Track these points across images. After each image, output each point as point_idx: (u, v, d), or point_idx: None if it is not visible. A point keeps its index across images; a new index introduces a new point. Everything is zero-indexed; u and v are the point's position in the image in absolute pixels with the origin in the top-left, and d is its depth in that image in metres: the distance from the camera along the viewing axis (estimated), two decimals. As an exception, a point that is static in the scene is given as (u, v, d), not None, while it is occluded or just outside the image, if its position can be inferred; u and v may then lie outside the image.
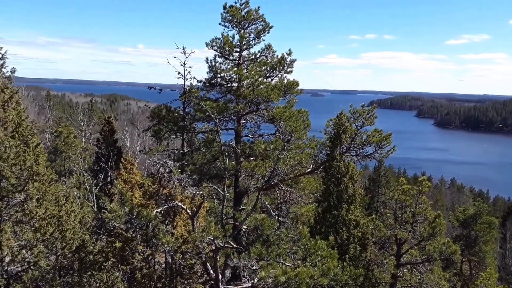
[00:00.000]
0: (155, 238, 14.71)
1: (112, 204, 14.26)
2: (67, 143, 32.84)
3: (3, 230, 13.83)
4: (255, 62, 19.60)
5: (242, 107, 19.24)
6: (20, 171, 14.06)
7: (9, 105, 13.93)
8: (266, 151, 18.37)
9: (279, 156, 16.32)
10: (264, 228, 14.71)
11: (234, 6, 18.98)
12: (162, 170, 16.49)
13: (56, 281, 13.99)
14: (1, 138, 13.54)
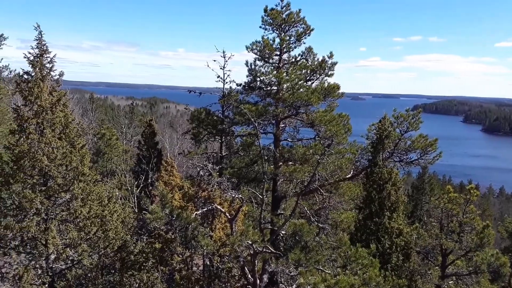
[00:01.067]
0: (194, 240, 14.79)
1: (153, 205, 14.43)
2: (109, 145, 33.77)
3: (49, 228, 14.30)
4: (295, 65, 19.40)
5: (282, 111, 19.08)
6: (66, 172, 14.50)
7: (57, 108, 14.38)
8: (306, 156, 18.10)
9: (318, 161, 16.00)
10: (303, 234, 14.45)
11: (275, 9, 18.88)
12: (201, 173, 16.60)
13: (98, 280, 14.29)
14: (49, 139, 14.01)
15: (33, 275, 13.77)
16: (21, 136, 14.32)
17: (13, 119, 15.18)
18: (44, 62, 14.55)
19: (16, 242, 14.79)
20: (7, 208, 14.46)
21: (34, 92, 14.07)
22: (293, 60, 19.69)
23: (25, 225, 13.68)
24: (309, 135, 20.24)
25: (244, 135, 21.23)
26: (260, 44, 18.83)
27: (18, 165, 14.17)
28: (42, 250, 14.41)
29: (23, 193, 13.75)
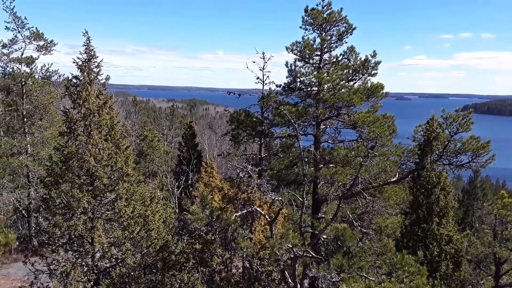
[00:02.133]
0: (234, 242, 14.77)
1: (194, 206, 14.54)
2: (151, 147, 34.54)
3: (95, 227, 14.71)
4: (337, 65, 19.04)
5: (322, 112, 18.77)
6: (112, 172, 14.89)
7: (103, 110, 14.80)
8: (347, 158, 17.70)
9: (362, 163, 15.55)
10: (346, 239, 14.10)
11: (316, 9, 18.62)
12: (241, 175, 16.57)
13: (141, 279, 14.54)
14: (96, 141, 14.44)
15: (80, 273, 14.20)
16: (70, 138, 14.86)
17: (63, 121, 15.78)
18: (92, 67, 15.03)
19: (64, 240, 15.33)
20: (56, 207, 15.02)
21: (82, 96, 14.56)
22: (334, 60, 19.34)
23: (73, 224, 14.15)
24: (351, 137, 19.79)
25: (283, 136, 21.08)
26: (301, 44, 18.63)
27: (66, 165, 14.69)
28: (88, 248, 14.86)
29: (71, 193, 14.23)
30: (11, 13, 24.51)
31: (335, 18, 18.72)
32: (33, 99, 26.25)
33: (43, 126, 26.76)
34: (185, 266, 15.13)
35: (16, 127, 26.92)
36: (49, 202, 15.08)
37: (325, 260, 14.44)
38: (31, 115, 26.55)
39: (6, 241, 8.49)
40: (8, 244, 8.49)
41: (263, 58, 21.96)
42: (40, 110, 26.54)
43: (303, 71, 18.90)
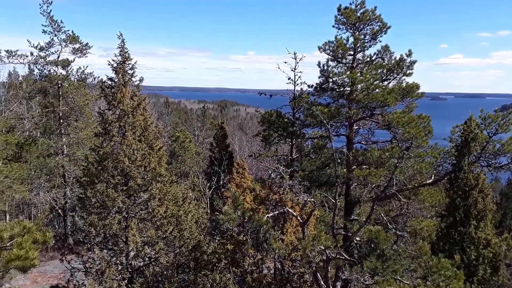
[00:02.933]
0: (265, 243, 14.69)
1: (226, 207, 14.56)
2: (183, 147, 34.94)
3: (130, 226, 14.97)
4: (370, 65, 18.65)
5: (355, 112, 18.43)
6: (145, 172, 15.11)
7: (137, 111, 15.04)
8: (381, 159, 17.31)
9: (396, 165, 15.17)
10: (379, 241, 13.78)
11: (349, 8, 18.31)
12: (273, 175, 16.49)
13: (174, 278, 14.68)
14: (130, 142, 14.69)
15: (114, 271, 14.47)
16: (105, 139, 15.18)
17: (98, 122, 16.15)
18: (126, 69, 15.31)
19: (99, 238, 15.67)
20: (91, 206, 15.37)
21: (117, 97, 14.84)
22: (368, 59, 18.95)
23: (108, 223, 14.45)
24: (384, 138, 19.36)
25: (315, 137, 20.83)
26: (333, 44, 18.36)
27: (102, 165, 15.01)
28: (123, 247, 15.13)
29: (106, 192, 14.53)
30: (48, 17, 25.22)
31: (368, 17, 18.36)
32: (69, 100, 26.96)
33: (79, 127, 27.46)
34: (217, 266, 15.19)
35: (52, 128, 27.75)
36: (85, 202, 15.44)
37: (358, 262, 14.18)
38: (67, 116, 27.28)
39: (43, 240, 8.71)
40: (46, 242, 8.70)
41: (295, 59, 21.81)
42: (76, 112, 27.23)
43: (336, 71, 18.63)
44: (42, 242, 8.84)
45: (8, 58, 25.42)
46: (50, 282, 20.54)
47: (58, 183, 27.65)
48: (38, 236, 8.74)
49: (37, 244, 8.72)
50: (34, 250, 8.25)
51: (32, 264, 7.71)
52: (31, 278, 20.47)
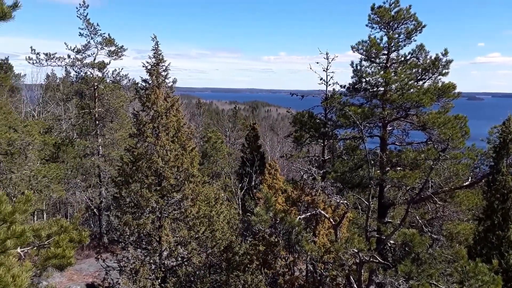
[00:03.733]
0: (297, 245, 14.59)
1: (258, 208, 14.55)
2: (215, 148, 35.20)
3: (163, 226, 15.19)
4: (405, 64, 18.24)
5: (389, 113, 18.07)
6: (178, 173, 15.30)
7: (170, 113, 15.26)
8: (416, 161, 16.89)
9: (432, 167, 14.75)
10: (414, 245, 13.43)
11: (383, 7, 17.98)
12: (305, 177, 16.37)
13: (206, 278, 14.78)
14: (163, 142, 14.91)
15: (148, 270, 14.72)
16: (139, 139, 15.47)
17: (133, 123, 16.48)
18: (160, 70, 15.55)
19: (134, 237, 15.97)
20: (126, 206, 15.69)
21: (151, 99, 15.10)
22: (402, 59, 18.54)
23: (142, 222, 14.71)
24: (419, 139, 18.89)
25: (348, 138, 20.56)
26: (366, 43, 18.08)
27: (136, 166, 15.31)
28: (156, 247, 15.36)
29: (140, 192, 14.80)
30: (85, 20, 25.89)
31: (403, 16, 17.98)
32: (104, 102, 27.59)
33: (114, 128, 28.09)
34: (248, 267, 15.19)
35: (89, 129, 28.50)
36: (120, 201, 15.77)
37: (392, 266, 13.88)
38: (103, 117, 27.92)
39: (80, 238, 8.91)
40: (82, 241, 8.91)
41: (327, 59, 21.57)
42: (111, 113, 27.85)
43: (369, 71, 18.32)
44: (78, 241, 9.05)
45: (46, 61, 26.26)
46: (85, 280, 21.01)
47: (94, 183, 28.38)
48: (75, 235, 8.95)
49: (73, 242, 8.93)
50: (70, 249, 8.45)
51: (68, 263, 7.90)
52: (67, 276, 20.98)
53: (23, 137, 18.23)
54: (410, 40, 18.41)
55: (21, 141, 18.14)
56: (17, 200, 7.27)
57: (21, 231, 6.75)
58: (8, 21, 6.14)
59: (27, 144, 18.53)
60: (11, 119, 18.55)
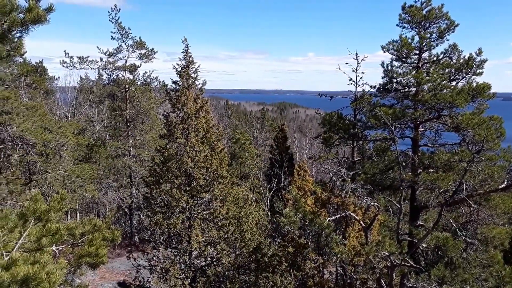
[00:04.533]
0: (327, 247, 14.47)
1: (287, 209, 14.51)
2: (243, 149, 35.35)
3: (193, 226, 15.36)
4: (437, 64, 17.79)
5: (421, 114, 17.65)
6: (207, 173, 15.45)
7: (200, 114, 15.44)
8: (450, 163, 16.43)
9: (466, 169, 14.34)
10: (448, 249, 13.11)
11: (414, 6, 17.62)
12: (334, 178, 16.22)
13: (235, 279, 14.85)
14: (193, 143, 15.09)
15: (178, 269, 14.91)
16: (169, 140, 15.72)
17: (163, 124, 16.76)
18: (190, 72, 15.77)
19: (164, 237, 16.22)
20: (157, 205, 15.96)
21: (181, 100, 15.33)
22: (434, 58, 18.09)
23: (172, 222, 14.92)
24: (453, 140, 18.38)
25: (378, 139, 20.20)
26: (397, 43, 17.74)
27: (166, 166, 15.55)
28: (186, 246, 15.55)
29: (170, 192, 15.03)
30: (116, 23, 26.53)
31: (435, 15, 17.56)
32: (135, 104, 28.17)
33: (144, 129, 28.64)
34: (277, 268, 15.17)
35: (120, 131, 29.18)
36: (151, 201, 16.05)
37: (425, 270, 13.59)
38: (134, 119, 28.52)
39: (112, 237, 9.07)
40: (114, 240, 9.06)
41: (356, 59, 21.26)
42: (142, 115, 28.41)
43: (400, 71, 17.95)
44: (110, 240, 9.22)
45: (79, 64, 27.06)
46: (117, 279, 21.44)
47: (125, 183, 28.99)
48: (107, 233, 9.12)
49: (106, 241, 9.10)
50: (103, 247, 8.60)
51: (101, 261, 8.05)
52: (99, 274, 21.44)
53: (58, 138, 18.80)
54: (443, 40, 17.96)
55: (56, 142, 18.72)
56: (52, 199, 7.47)
57: (56, 229, 6.91)
58: (44, 24, 6.28)
59: (61, 145, 19.10)
60: (46, 120, 19.14)
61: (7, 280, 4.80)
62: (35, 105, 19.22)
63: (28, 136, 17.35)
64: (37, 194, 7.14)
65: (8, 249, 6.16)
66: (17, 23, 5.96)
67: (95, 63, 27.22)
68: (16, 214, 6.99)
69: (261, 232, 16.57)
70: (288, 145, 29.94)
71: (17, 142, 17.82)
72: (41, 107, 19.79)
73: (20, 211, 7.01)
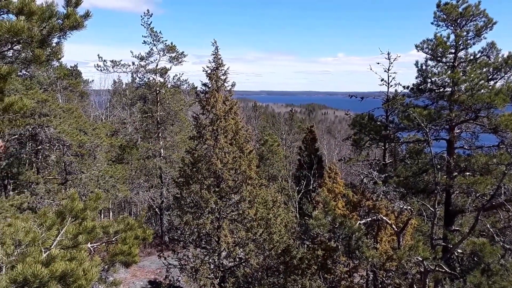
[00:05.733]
0: (358, 251, 14.19)
1: (316, 211, 14.32)
2: (271, 151, 35.31)
3: (222, 227, 15.38)
4: (474, 63, 17.20)
5: (457, 115, 17.11)
6: (236, 175, 15.45)
7: (229, 116, 15.46)
8: (487, 166, 15.82)
9: (505, 172, 13.76)
10: (485, 255, 12.60)
11: (450, 3, 17.11)
12: (365, 181, 15.91)
13: (264, 280, 14.77)
14: (222, 145, 15.12)
15: (208, 269, 14.97)
16: (199, 142, 15.81)
17: (193, 126, 16.88)
18: (219, 75, 15.81)
19: (193, 237, 16.33)
20: (186, 206, 16.09)
21: (211, 102, 15.39)
22: (471, 57, 17.50)
23: (201, 222, 15.00)
24: (490, 142, 17.71)
25: (411, 141, 19.72)
26: (432, 42, 17.26)
27: (196, 167, 15.65)
28: (215, 246, 15.60)
29: (200, 193, 15.11)
30: (148, 28, 27.00)
31: (472, 12, 16.99)
32: (166, 106, 28.58)
33: (174, 131, 29.02)
34: (306, 271, 14.99)
35: (151, 132, 29.66)
36: (181, 201, 16.20)
37: (460, 276, 13.11)
38: (164, 121, 28.94)
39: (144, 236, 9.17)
40: (146, 238, 9.16)
41: (388, 59, 20.86)
42: (171, 117, 28.81)
43: (435, 71, 17.47)
44: (142, 239, 9.31)
45: (112, 68, 27.72)
46: (148, 277, 21.74)
47: (155, 183, 29.45)
48: (139, 232, 9.20)
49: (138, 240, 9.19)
50: (136, 247, 8.68)
51: (133, 261, 8.14)
52: (130, 272, 21.80)
53: (92, 139, 19.29)
54: (480, 38, 17.35)
55: (90, 143, 19.21)
56: (88, 198, 7.60)
57: (92, 227, 7.02)
58: (80, 30, 6.38)
59: (96, 146, 19.60)
60: (81, 122, 19.69)
61: (46, 276, 4.88)
62: (71, 108, 19.80)
63: (65, 137, 17.88)
64: (74, 193, 7.28)
65: (47, 245, 6.28)
66: (55, 29, 6.08)
67: (127, 66, 27.81)
68: (54, 212, 7.15)
69: (290, 234, 16.42)
70: (317, 146, 29.64)
71: (54, 143, 18.41)
72: (76, 109, 20.38)
73: (58, 210, 7.16)
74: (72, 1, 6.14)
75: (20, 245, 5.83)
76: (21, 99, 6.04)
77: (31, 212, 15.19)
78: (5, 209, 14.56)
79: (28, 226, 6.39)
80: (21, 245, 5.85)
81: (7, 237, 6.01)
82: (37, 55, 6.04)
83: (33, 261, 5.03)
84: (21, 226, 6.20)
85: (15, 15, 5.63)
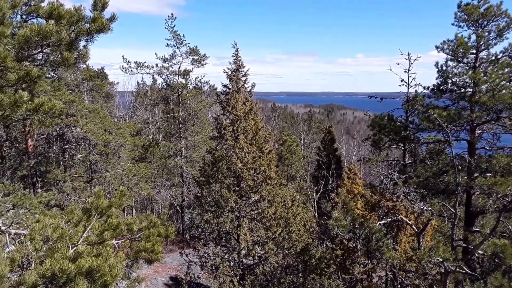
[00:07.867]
0: (377, 251, 14.26)
1: (336, 213, 14.45)
2: (290, 151, 35.42)
3: (241, 225, 15.67)
4: (496, 64, 17.02)
5: (478, 115, 16.97)
6: (256, 174, 15.71)
7: (249, 116, 15.73)
8: (509, 167, 15.67)
9: (527, 173, 13.69)
10: (506, 256, 12.48)
11: (471, 4, 16.98)
12: (385, 181, 15.96)
13: (283, 279, 14.98)
14: (242, 145, 15.40)
15: (227, 267, 15.27)
16: (219, 142, 16.14)
17: (214, 126, 17.24)
18: (240, 76, 16.11)
19: (214, 235, 16.68)
20: (207, 204, 16.44)
21: (231, 103, 15.70)
22: (492, 58, 17.31)
23: (222, 221, 15.32)
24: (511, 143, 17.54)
25: (431, 142, 19.60)
26: (453, 42, 17.17)
27: (216, 167, 15.99)
28: (235, 245, 15.89)
29: (220, 192, 15.43)
30: (172, 31, 27.56)
31: (493, 13, 16.83)
32: (187, 107, 29.10)
33: (195, 131, 29.50)
34: (325, 271, 15.13)
35: (172, 132, 30.23)
36: (201, 200, 16.56)
37: (481, 278, 13.03)
38: (185, 121, 29.46)
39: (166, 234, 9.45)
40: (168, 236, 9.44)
41: (409, 59, 20.78)
42: (193, 117, 29.31)
43: (456, 71, 17.36)
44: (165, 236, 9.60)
45: (137, 69, 28.40)
46: (169, 273, 22.22)
47: (177, 182, 29.99)
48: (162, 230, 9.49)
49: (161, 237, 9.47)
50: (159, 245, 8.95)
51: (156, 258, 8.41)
52: (153, 268, 22.28)
53: (117, 139, 19.84)
54: (502, 38, 17.16)
55: (115, 143, 19.77)
56: (113, 195, 7.91)
57: (117, 224, 7.28)
58: (107, 33, 6.61)
59: (120, 145, 20.14)
60: (106, 122, 20.26)
61: (73, 271, 5.03)
62: (97, 108, 20.41)
63: (91, 136, 18.48)
64: (99, 191, 7.58)
65: (74, 242, 6.55)
66: (83, 32, 6.31)
67: (151, 68, 28.45)
68: (81, 209, 7.48)
69: (309, 234, 16.58)
70: (335, 147, 29.65)
71: (81, 142, 19.03)
72: (102, 110, 20.97)
73: (84, 207, 7.48)
74: (98, 5, 6.31)
75: (48, 241, 6.02)
76: (50, 100, 6.21)
77: (58, 209, 15.74)
78: (33, 206, 15.11)
79: (56, 222, 6.64)
80: (49, 241, 6.04)
81: (36, 233, 6.23)
82: (66, 57, 6.26)
83: (61, 257, 5.16)
84: (49, 222, 6.43)
85: (45, 19, 5.80)
